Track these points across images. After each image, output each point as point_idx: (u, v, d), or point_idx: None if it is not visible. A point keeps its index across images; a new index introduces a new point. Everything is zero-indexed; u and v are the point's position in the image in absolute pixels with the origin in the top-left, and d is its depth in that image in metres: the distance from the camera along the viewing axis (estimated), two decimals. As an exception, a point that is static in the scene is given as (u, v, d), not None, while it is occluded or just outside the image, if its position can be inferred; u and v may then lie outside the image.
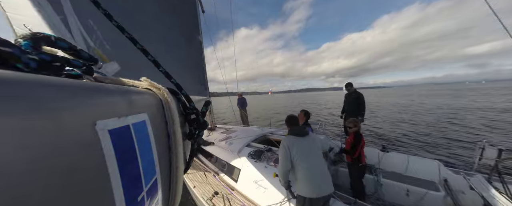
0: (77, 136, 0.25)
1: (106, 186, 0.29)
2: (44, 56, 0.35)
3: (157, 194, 0.47)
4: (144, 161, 0.40)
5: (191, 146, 0.77)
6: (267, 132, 4.04)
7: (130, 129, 0.36)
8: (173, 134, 0.54)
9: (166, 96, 0.53)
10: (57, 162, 0.22)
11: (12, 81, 0.19)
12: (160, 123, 0.51)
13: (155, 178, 0.45)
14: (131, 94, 0.40)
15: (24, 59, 0.30)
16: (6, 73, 0.20)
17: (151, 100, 0.48)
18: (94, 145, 0.27)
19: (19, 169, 0.18)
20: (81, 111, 0.26)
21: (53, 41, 0.39)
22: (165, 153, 0.53)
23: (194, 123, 0.72)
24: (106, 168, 0.29)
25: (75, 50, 0.45)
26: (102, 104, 0.31)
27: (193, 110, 0.72)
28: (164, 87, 0.56)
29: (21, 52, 0.29)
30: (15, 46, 0.29)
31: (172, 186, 0.58)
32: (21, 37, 0.35)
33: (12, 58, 0.28)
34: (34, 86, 0.21)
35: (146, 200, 0.41)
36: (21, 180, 0.18)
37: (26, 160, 0.18)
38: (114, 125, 0.31)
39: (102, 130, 0.29)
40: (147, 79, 0.54)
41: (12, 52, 0.28)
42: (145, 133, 0.42)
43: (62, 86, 0.25)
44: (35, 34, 0.37)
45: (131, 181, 0.36)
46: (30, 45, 0.35)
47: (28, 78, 0.21)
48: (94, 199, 0.27)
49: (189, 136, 0.73)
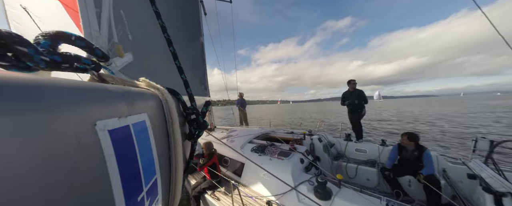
0: (77, 136, 0.25)
1: (106, 186, 0.30)
2: (56, 57, 0.37)
3: (157, 194, 0.47)
4: (144, 161, 0.40)
5: (191, 146, 0.77)
6: (268, 131, 4.10)
7: (130, 129, 0.36)
8: (173, 134, 0.54)
9: (166, 96, 0.54)
10: (57, 162, 0.22)
11: (13, 82, 0.19)
12: (160, 123, 0.51)
13: (155, 178, 0.45)
14: (131, 95, 0.40)
15: (36, 59, 0.33)
16: (7, 74, 0.20)
17: (151, 101, 0.49)
18: (94, 145, 0.27)
19: (19, 169, 0.18)
20: (81, 111, 0.26)
21: (73, 40, 0.43)
22: (165, 153, 0.53)
23: (194, 123, 0.72)
24: (106, 168, 0.29)
25: (91, 48, 0.49)
26: (102, 104, 0.31)
27: (193, 110, 0.72)
28: (164, 87, 0.56)
29: (35, 53, 0.32)
30: (32, 46, 0.32)
31: (171, 186, 0.58)
32: (42, 35, 0.38)
33: (26, 57, 0.31)
34: (35, 87, 0.21)
35: (146, 200, 0.41)
36: (21, 179, 0.18)
37: (26, 160, 0.19)
38: (114, 125, 0.32)
39: (102, 130, 0.29)
40: (146, 80, 0.54)
41: (27, 52, 0.31)
42: (145, 133, 0.42)
43: (63, 87, 0.25)
44: (57, 33, 0.39)
45: (131, 181, 0.36)
46: (49, 44, 0.38)
47: (29, 79, 0.21)
48: (94, 199, 0.27)
49: (189, 136, 0.73)
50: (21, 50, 0.30)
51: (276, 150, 2.74)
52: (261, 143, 3.19)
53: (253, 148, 2.90)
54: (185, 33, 2.74)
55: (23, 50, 0.30)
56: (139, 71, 1.03)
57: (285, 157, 2.49)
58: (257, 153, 2.75)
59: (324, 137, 3.76)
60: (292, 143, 2.95)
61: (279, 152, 2.64)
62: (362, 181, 3.08)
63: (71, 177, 0.23)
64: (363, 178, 3.08)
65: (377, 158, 3.25)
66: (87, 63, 0.46)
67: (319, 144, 3.53)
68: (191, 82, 0.83)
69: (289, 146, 2.84)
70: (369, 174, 3.00)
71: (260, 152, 2.77)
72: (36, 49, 0.33)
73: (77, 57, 0.43)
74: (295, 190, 1.84)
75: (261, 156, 2.65)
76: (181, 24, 2.62)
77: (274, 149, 2.82)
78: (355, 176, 3.14)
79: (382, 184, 2.85)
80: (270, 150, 2.78)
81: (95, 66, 0.49)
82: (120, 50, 0.87)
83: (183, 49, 2.72)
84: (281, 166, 2.34)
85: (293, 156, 2.53)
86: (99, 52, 0.51)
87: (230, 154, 3.04)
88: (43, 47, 0.36)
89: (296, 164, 2.38)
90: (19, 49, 0.30)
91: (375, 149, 3.38)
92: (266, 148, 2.85)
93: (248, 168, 2.60)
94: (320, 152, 3.48)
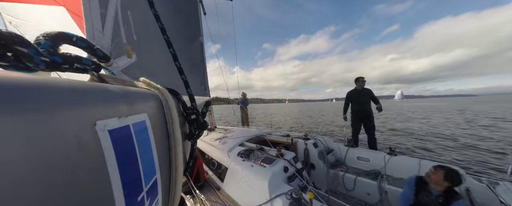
0: (77, 136, 0.25)
1: (106, 186, 0.30)
2: (56, 58, 0.37)
3: (157, 194, 0.47)
4: (144, 161, 0.40)
5: (191, 146, 0.78)
6: (264, 133, 3.90)
7: (130, 129, 0.36)
8: (173, 134, 0.54)
9: (166, 96, 0.54)
10: (57, 162, 0.22)
11: (12, 82, 0.19)
12: (160, 123, 0.51)
13: (155, 178, 0.45)
14: (131, 95, 0.40)
15: (36, 60, 0.33)
16: (8, 74, 0.20)
17: (151, 101, 0.49)
18: (94, 145, 0.27)
19: (19, 169, 0.18)
20: (81, 111, 0.26)
21: (74, 41, 0.43)
22: (165, 153, 0.53)
23: (194, 123, 0.72)
24: (106, 168, 0.29)
25: (92, 49, 0.49)
26: (102, 104, 0.31)
27: (193, 110, 0.72)
28: (164, 87, 0.56)
29: (35, 53, 0.32)
30: (32, 47, 0.32)
31: (171, 186, 0.58)
32: (43, 35, 0.38)
33: (25, 58, 0.31)
34: (35, 87, 0.21)
35: (146, 200, 0.41)
36: (22, 179, 0.18)
37: (26, 160, 0.19)
38: (114, 125, 0.32)
39: (102, 130, 0.29)
40: (146, 80, 0.54)
41: (26, 52, 0.31)
42: (145, 133, 0.42)
43: (63, 87, 0.25)
44: (58, 34, 0.40)
45: (131, 181, 0.36)
46: (49, 44, 0.38)
47: (29, 79, 0.21)
48: (94, 199, 0.27)
49: (189, 136, 0.73)
50: (21, 50, 0.30)
51: (262, 155, 2.51)
52: (251, 146, 2.93)
53: (239, 152, 2.66)
54: (185, 33, 2.75)
55: (23, 51, 0.30)
56: (141, 72, 1.04)
57: (268, 164, 2.23)
58: (242, 157, 2.53)
59: (321, 141, 3.42)
60: (280, 148, 2.64)
61: (263, 158, 2.41)
62: (361, 195, 2.69)
63: (71, 177, 0.23)
64: (363, 191, 2.66)
65: (382, 169, 2.78)
66: (87, 64, 0.46)
67: (313, 149, 3.17)
68: (191, 82, 0.83)
69: (276, 151, 2.55)
70: (370, 187, 2.59)
71: (245, 156, 2.54)
72: (36, 49, 0.33)
73: (78, 58, 0.43)
74: (269, 204, 1.66)
75: (244, 161, 2.41)
76: (181, 24, 2.63)
77: (261, 154, 2.57)
78: (354, 189, 2.73)
79: (384, 200, 2.43)
80: (255, 155, 2.54)
81: (96, 67, 0.49)
82: (129, 51, 0.87)
83: (183, 50, 2.73)
84: (260, 173, 2.10)
85: (277, 163, 2.26)
86: (100, 53, 0.52)
87: (217, 157, 2.84)
88: (44, 48, 0.36)
89: (276, 173, 2.11)
90: (19, 49, 0.30)
91: (380, 158, 2.91)
92: (253, 153, 2.61)
93: (230, 173, 2.39)
94: (315, 158, 3.13)
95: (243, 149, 2.78)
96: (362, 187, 2.67)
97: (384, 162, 2.81)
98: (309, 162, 3.19)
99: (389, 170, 2.76)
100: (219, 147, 3.06)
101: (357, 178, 2.72)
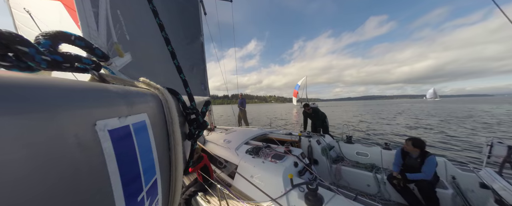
0: (77, 136, 0.25)
1: (106, 186, 0.30)
2: (56, 57, 0.38)
3: (157, 194, 0.47)
4: (144, 161, 0.40)
5: (191, 146, 0.78)
6: (266, 131, 4.02)
7: (130, 129, 0.36)
8: (173, 133, 0.54)
9: (166, 96, 0.54)
10: (57, 162, 0.22)
11: (14, 82, 0.19)
12: (160, 123, 0.51)
13: (155, 178, 0.45)
14: (131, 95, 0.40)
15: (37, 59, 0.33)
16: (7, 74, 0.20)
17: (150, 101, 0.49)
18: (94, 145, 0.27)
19: (19, 169, 0.18)
20: (81, 111, 0.26)
21: (73, 40, 0.43)
22: (165, 153, 0.53)
23: (194, 123, 0.72)
24: (106, 168, 0.29)
25: (91, 48, 0.49)
26: (102, 104, 0.31)
27: (193, 110, 0.72)
28: (164, 87, 0.56)
29: (36, 52, 0.32)
30: (33, 46, 0.32)
31: (171, 186, 0.58)
32: (42, 35, 0.38)
33: (27, 57, 0.31)
34: (35, 87, 0.21)
35: (146, 200, 0.41)
36: (21, 179, 0.18)
37: (26, 160, 0.19)
38: (114, 125, 0.32)
39: (102, 130, 0.29)
40: (146, 80, 0.54)
41: (28, 52, 0.31)
42: (145, 133, 0.42)
43: (63, 87, 0.25)
44: (57, 33, 0.40)
45: (131, 181, 0.36)
46: (49, 44, 0.38)
47: (30, 79, 0.21)
48: (94, 199, 0.27)
49: (189, 136, 0.73)
50: (22, 50, 0.30)
51: (270, 152, 2.67)
52: (257, 144, 3.11)
53: (247, 150, 2.80)
54: (185, 33, 2.75)
55: (24, 50, 0.30)
56: (138, 71, 1.03)
57: (279, 160, 2.41)
58: (251, 155, 2.67)
59: (323, 138, 3.68)
60: (287, 145, 2.85)
61: (273, 155, 2.57)
62: (362, 186, 2.93)
63: (71, 177, 0.23)
64: (363, 183, 2.92)
65: (379, 163, 3.10)
66: (87, 63, 0.46)
67: (317, 146, 3.43)
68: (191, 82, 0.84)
69: (284, 148, 2.75)
70: (370, 179, 2.85)
71: (254, 154, 2.68)
72: (37, 49, 0.33)
73: (78, 57, 0.43)
74: (285, 196, 1.78)
75: (254, 158, 2.57)
76: (181, 24, 2.63)
77: (269, 151, 2.74)
78: (355, 182, 2.99)
79: (383, 191, 2.70)
80: (264, 152, 2.70)
81: (96, 66, 0.49)
82: (120, 50, 0.88)
83: (183, 49, 2.73)
84: (273, 169, 2.26)
85: (287, 159, 2.44)
86: (99, 52, 0.51)
87: (225, 155, 2.95)
88: (44, 47, 0.37)
89: (288, 168, 2.29)
90: (20, 49, 0.30)
91: (377, 153, 3.24)
92: (261, 150, 2.77)
93: (241, 170, 2.51)
94: (318, 154, 3.38)
95: (250, 147, 2.91)
96: (362, 179, 2.92)
97: (381, 156, 3.14)
98: (313, 158, 3.41)
99: (385, 162, 3.12)
100: (225, 146, 3.14)
101: (358, 171, 2.97)
